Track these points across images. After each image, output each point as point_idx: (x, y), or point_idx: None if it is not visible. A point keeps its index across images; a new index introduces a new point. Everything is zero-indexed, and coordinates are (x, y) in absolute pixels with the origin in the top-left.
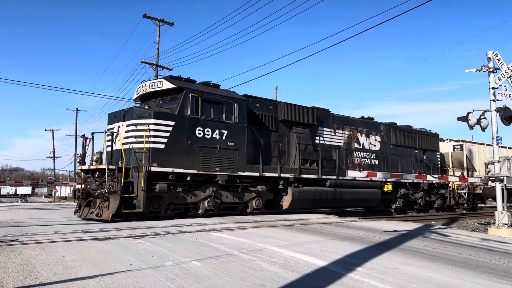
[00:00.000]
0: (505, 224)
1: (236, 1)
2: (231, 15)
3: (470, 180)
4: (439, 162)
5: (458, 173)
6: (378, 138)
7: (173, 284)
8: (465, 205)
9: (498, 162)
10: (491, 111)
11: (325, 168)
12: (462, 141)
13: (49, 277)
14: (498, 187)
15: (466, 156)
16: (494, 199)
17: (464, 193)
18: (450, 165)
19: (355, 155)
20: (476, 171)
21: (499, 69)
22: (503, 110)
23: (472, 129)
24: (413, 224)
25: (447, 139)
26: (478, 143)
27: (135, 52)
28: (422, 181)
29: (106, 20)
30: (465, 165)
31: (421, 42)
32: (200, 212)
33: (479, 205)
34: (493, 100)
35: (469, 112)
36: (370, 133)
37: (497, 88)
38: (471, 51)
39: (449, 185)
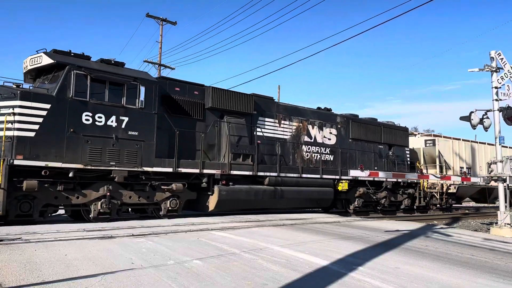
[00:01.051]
0: (508, 224)
1: (239, 0)
2: (234, 14)
3: (473, 180)
4: (408, 158)
5: (432, 171)
6: (333, 131)
7: (174, 283)
8: (438, 206)
9: (501, 161)
10: (493, 110)
11: (264, 164)
12: (435, 135)
13: (51, 276)
14: (501, 187)
15: (439, 151)
16: (473, 199)
17: (436, 193)
18: (422, 162)
19: (304, 149)
20: (450, 169)
21: (502, 68)
22: (506, 110)
23: (474, 128)
24: (415, 223)
25: (418, 133)
26: (453, 138)
27: (138, 51)
28: (385, 179)
29: (108, 18)
30: (437, 162)
31: (425, 41)
32: (91, 215)
33: (454, 205)
34: (496, 100)
35: (472, 112)
36: (324, 125)
37: (500, 87)
38: (474, 51)
39: (419, 183)
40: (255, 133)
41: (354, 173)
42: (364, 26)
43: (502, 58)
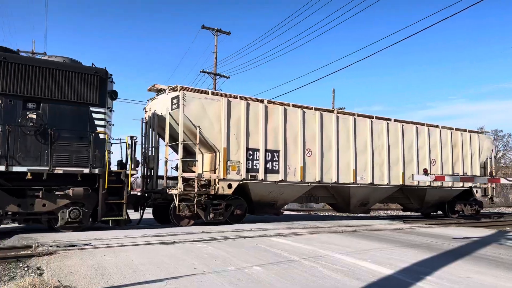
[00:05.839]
0: None
1: (292, 6)
2: (287, 21)
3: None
4: (98, 128)
5: (209, 156)
6: None
7: None
8: (196, 216)
9: None
10: None
11: None
12: (184, 88)
13: (119, 280)
14: None
15: (185, 118)
16: (330, 205)
17: (194, 196)
18: (168, 139)
19: None
20: (218, 151)
21: None
22: None
23: None
24: (486, 230)
25: (168, 87)
26: (228, 96)
27: (194, 62)
28: None
29: (165, 32)
30: (180, 137)
31: (490, 36)
32: None
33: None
34: None
35: None
36: None
37: None
38: None
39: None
40: None
41: (417, 177)
42: (421, 25)
43: None
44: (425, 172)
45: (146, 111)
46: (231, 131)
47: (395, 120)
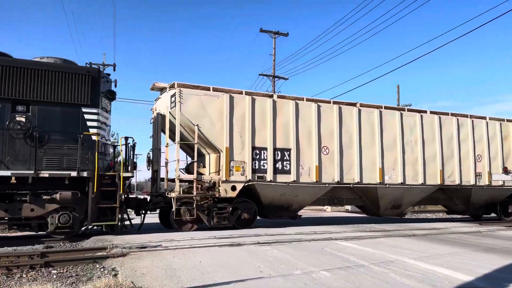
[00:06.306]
0: None
1: (348, 4)
2: (346, 18)
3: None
4: (90, 129)
5: (214, 156)
6: None
7: None
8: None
9: None
10: None
11: None
12: (182, 84)
13: (188, 282)
14: None
15: (181, 115)
16: (359, 207)
17: (194, 198)
18: (167, 139)
19: None
20: (221, 151)
21: None
22: None
23: None
24: None
25: (169, 85)
26: (227, 91)
27: (253, 65)
28: None
29: (225, 40)
30: (177, 135)
31: None
32: None
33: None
34: None
35: None
36: None
37: None
38: None
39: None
40: None
41: (497, 177)
42: (494, 13)
43: None
44: (505, 170)
45: (153, 112)
46: (234, 129)
47: (431, 112)
